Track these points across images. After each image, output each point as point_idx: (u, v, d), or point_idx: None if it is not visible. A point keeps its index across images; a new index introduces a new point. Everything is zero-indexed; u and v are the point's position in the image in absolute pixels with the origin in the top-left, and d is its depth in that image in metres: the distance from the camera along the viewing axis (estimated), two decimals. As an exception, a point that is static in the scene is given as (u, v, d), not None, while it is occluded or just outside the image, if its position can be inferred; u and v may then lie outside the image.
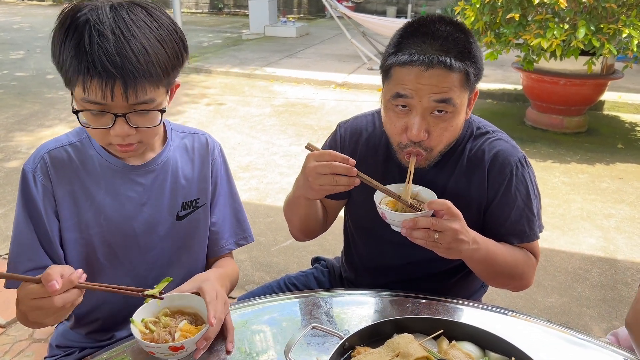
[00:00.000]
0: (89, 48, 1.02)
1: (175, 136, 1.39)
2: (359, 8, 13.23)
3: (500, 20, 4.71)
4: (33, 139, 5.05)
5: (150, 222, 1.33)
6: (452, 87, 1.20)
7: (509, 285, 1.45)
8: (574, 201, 3.96)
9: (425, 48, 1.19)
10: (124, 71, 1.03)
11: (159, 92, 1.12)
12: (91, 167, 1.28)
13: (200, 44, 10.15)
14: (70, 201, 1.26)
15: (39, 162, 1.25)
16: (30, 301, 0.98)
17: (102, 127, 1.11)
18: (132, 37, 1.04)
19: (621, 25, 4.21)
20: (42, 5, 16.05)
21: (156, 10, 1.12)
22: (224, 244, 1.47)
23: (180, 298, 1.14)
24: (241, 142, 5.14)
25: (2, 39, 10.44)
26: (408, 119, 1.24)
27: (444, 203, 1.15)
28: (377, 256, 1.54)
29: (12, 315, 2.54)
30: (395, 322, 1.10)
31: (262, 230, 3.50)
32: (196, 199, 1.39)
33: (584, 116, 5.48)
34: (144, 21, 1.08)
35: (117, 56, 1.02)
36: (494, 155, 1.38)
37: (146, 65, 1.05)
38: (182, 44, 1.15)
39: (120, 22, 1.05)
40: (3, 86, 6.97)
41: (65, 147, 1.28)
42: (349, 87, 7.25)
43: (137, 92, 1.06)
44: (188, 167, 1.38)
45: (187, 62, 1.20)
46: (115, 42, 1.03)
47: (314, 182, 1.18)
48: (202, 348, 1.07)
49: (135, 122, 1.12)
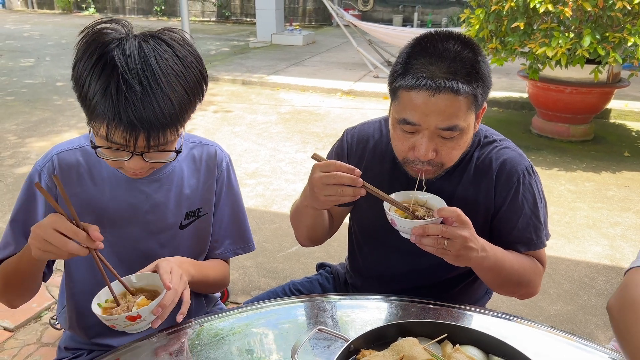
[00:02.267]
0: (115, 97, 1.03)
1: (184, 146, 1.40)
2: (365, 16, 13.31)
3: (505, 29, 4.73)
4: (43, 145, 5.10)
5: (152, 230, 1.36)
6: (458, 111, 1.20)
7: (516, 293, 1.45)
8: (580, 209, 3.95)
9: (433, 71, 1.18)
10: (149, 124, 1.06)
11: (177, 133, 1.16)
12: (97, 173, 1.31)
13: (207, 52, 10.22)
14: (76, 204, 1.28)
15: (47, 163, 1.30)
16: (49, 230, 1.05)
17: (118, 160, 1.15)
18: (159, 89, 1.05)
19: (626, 34, 4.22)
20: (52, 13, 16.23)
21: (181, 47, 1.12)
22: (222, 252, 1.50)
23: (139, 278, 1.20)
24: (248, 149, 5.17)
25: (13, 46, 10.56)
26: (415, 139, 1.25)
27: (453, 210, 1.16)
28: (382, 263, 1.56)
29: (20, 320, 2.57)
30: (400, 326, 1.11)
31: (267, 236, 3.52)
32: (199, 208, 1.42)
33: (590, 124, 5.48)
34: (170, 65, 1.08)
35: (144, 110, 1.04)
36: (501, 163, 1.39)
37: (170, 118, 1.08)
38: (203, 81, 1.16)
39: (147, 70, 1.05)
40: (13, 93, 7.05)
41: (76, 150, 1.32)
42: (355, 94, 7.29)
43: (159, 139, 1.10)
44: (194, 177, 1.41)
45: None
46: (142, 95, 1.04)
47: (320, 193, 1.19)
48: (160, 317, 1.11)
49: (150, 157, 1.15)
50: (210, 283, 1.45)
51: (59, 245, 1.05)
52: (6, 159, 4.75)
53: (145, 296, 1.16)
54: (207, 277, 1.42)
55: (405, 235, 1.21)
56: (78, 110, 6.26)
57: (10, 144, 5.13)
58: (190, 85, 1.12)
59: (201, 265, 1.43)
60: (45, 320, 2.61)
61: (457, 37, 1.24)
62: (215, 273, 1.47)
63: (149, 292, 1.18)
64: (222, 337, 1.22)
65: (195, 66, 1.13)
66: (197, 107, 1.20)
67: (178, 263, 1.24)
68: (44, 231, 1.05)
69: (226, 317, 1.29)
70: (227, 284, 1.56)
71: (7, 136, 5.35)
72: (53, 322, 2.54)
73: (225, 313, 1.31)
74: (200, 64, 1.16)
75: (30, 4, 16.93)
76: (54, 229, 1.05)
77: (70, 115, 6.10)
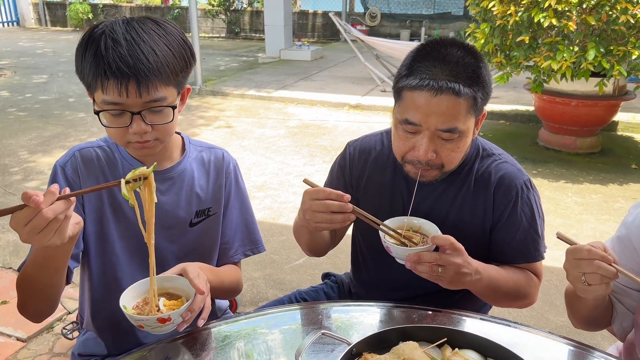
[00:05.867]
0: (104, 53, 1.16)
1: (193, 149, 1.49)
2: (372, 31, 13.42)
3: (510, 43, 4.78)
4: (54, 159, 5.16)
5: (164, 225, 1.41)
6: (459, 113, 1.25)
7: (512, 305, 1.52)
8: (586, 221, 3.96)
9: (436, 72, 1.24)
10: (136, 70, 1.16)
11: (170, 90, 1.24)
12: (115, 169, 1.39)
13: (217, 67, 10.36)
14: (93, 196, 1.37)
15: (70, 158, 1.38)
16: (24, 229, 0.96)
17: (120, 126, 1.23)
18: (142, 42, 1.18)
19: (630, 47, 4.25)
20: (65, 30, 16.53)
21: (164, 22, 1.27)
22: (233, 254, 1.55)
23: (165, 280, 1.22)
24: (256, 162, 5.23)
25: (26, 63, 10.77)
26: (416, 140, 1.30)
27: (447, 239, 1.20)
28: (385, 273, 1.59)
29: (33, 330, 2.62)
30: (401, 330, 1.15)
31: (275, 248, 3.55)
32: (209, 208, 1.48)
33: (597, 137, 5.49)
34: (153, 29, 1.22)
35: (130, 57, 1.16)
36: (500, 177, 1.43)
37: (155, 64, 1.18)
38: (188, 50, 1.28)
39: (131, 30, 1.19)
40: (27, 109, 7.19)
41: (95, 148, 1.41)
42: (362, 108, 7.35)
43: (149, 89, 1.19)
44: (204, 178, 1.48)
45: (194, 66, 1.33)
46: (127, 46, 1.16)
47: (311, 220, 1.24)
48: (186, 320, 1.13)
49: (150, 119, 1.23)
50: (225, 289, 1.49)
51: (41, 225, 0.96)
52: (18, 173, 4.85)
53: (165, 298, 1.18)
54: (222, 282, 1.46)
55: (400, 261, 1.26)
56: (89, 126, 6.38)
57: (23, 159, 5.22)
58: (173, 45, 1.23)
59: (217, 271, 1.47)
60: (57, 331, 2.66)
61: (460, 44, 1.30)
62: (230, 279, 1.51)
63: (169, 295, 1.21)
64: (229, 342, 1.26)
65: (179, 35, 1.26)
66: (187, 76, 1.31)
67: (199, 267, 1.28)
68: (25, 236, 0.98)
69: (233, 322, 1.34)
70: (241, 289, 1.60)
71: (19, 151, 5.45)
72: (65, 332, 2.58)
73: (232, 318, 1.36)
74: (182, 34, 1.28)
75: (44, 21, 17.26)
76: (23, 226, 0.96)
77: (82, 130, 6.21)
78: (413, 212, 1.37)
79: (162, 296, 1.19)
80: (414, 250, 1.21)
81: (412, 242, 1.28)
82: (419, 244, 1.27)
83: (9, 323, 2.66)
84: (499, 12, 4.71)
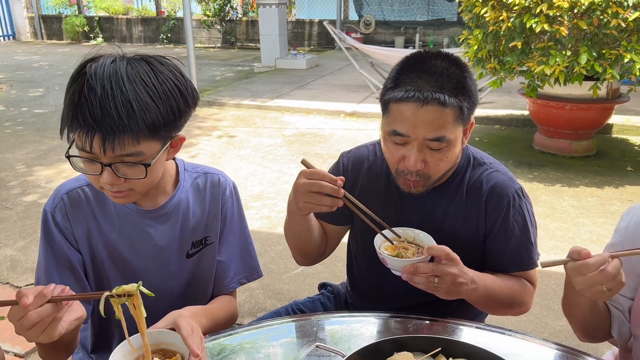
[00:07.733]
0: (77, 101, 1.08)
1: (187, 177, 1.44)
2: (367, 39, 13.48)
3: (503, 49, 4.81)
4: (51, 172, 5.20)
5: (161, 261, 1.40)
6: (446, 123, 1.26)
7: (508, 313, 1.53)
8: (583, 224, 3.97)
9: (421, 84, 1.26)
10: (102, 125, 1.07)
11: (148, 145, 1.14)
12: (106, 208, 1.35)
13: (213, 77, 10.40)
14: (86, 239, 1.35)
15: (59, 202, 1.33)
16: (16, 324, 0.98)
17: (93, 174, 1.17)
18: (120, 92, 1.08)
19: (623, 51, 4.28)
20: (61, 44, 16.59)
21: (161, 65, 1.16)
22: (228, 283, 1.51)
23: (158, 334, 1.12)
24: (253, 172, 5.24)
25: (23, 77, 10.79)
26: (405, 150, 1.32)
27: (442, 249, 1.21)
28: (380, 283, 1.59)
29: (31, 345, 2.61)
30: (395, 341, 1.15)
31: (273, 258, 3.55)
32: (206, 237, 1.45)
33: (592, 140, 5.51)
34: (142, 76, 1.11)
35: (100, 110, 1.06)
36: (491, 187, 1.44)
37: (127, 120, 1.08)
38: (182, 100, 1.17)
39: (113, 76, 1.08)
40: (23, 123, 7.20)
41: (84, 187, 1.36)
42: (358, 116, 7.38)
43: (114, 146, 1.09)
44: (199, 206, 1.44)
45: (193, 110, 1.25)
46: (101, 96, 1.07)
47: (301, 198, 1.25)
48: None
49: (123, 172, 1.16)
50: (220, 325, 1.43)
51: (27, 325, 0.97)
52: (15, 187, 4.85)
53: (157, 357, 1.08)
54: (217, 321, 1.41)
55: (396, 273, 1.26)
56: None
57: (21, 173, 5.23)
58: (160, 96, 1.12)
59: (212, 312, 1.41)
60: (55, 346, 2.65)
61: (445, 55, 1.32)
62: (225, 315, 1.47)
63: (162, 351, 1.11)
64: (225, 355, 1.26)
65: (172, 82, 1.15)
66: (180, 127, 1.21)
67: (191, 316, 1.21)
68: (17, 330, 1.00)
69: (229, 335, 1.34)
70: (236, 319, 1.55)
71: (16, 165, 5.46)
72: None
73: (228, 331, 1.36)
74: (179, 81, 1.17)
75: (40, 35, 17.32)
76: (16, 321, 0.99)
77: (78, 143, 6.22)
78: (407, 223, 1.37)
79: (156, 354, 1.09)
80: (410, 262, 1.22)
81: (408, 252, 1.28)
82: (414, 255, 1.27)
83: (6, 339, 2.66)
84: (491, 18, 4.74)
